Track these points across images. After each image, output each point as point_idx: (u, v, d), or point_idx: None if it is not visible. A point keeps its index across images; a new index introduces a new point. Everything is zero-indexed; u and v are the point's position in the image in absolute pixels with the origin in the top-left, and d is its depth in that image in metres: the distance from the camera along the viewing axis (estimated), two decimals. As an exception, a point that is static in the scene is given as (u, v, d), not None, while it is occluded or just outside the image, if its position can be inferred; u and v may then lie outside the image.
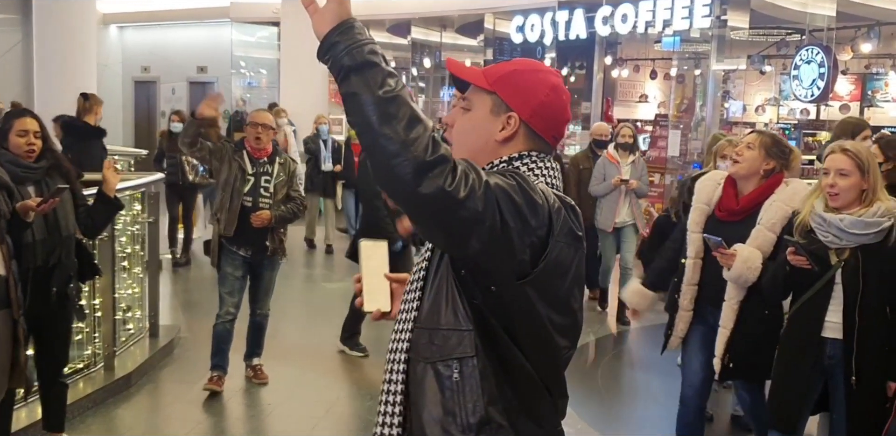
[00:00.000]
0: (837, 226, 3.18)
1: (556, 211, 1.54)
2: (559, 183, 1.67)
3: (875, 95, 13.54)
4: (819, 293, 3.26)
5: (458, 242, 1.48)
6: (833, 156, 3.25)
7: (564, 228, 1.56)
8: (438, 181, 1.40)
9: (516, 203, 1.48)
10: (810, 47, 8.65)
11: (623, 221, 6.93)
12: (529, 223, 1.50)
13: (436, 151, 1.42)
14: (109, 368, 5.08)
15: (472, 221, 1.44)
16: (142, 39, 18.36)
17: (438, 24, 15.31)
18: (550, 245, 1.53)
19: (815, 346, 3.26)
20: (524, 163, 1.64)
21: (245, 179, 4.86)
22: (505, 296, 1.53)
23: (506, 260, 1.50)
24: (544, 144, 1.69)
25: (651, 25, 10.00)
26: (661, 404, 5.28)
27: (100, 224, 4.03)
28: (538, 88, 1.67)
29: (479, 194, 1.44)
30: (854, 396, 3.19)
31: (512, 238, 1.48)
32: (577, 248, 1.61)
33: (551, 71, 1.75)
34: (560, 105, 1.70)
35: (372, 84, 1.43)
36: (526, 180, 1.53)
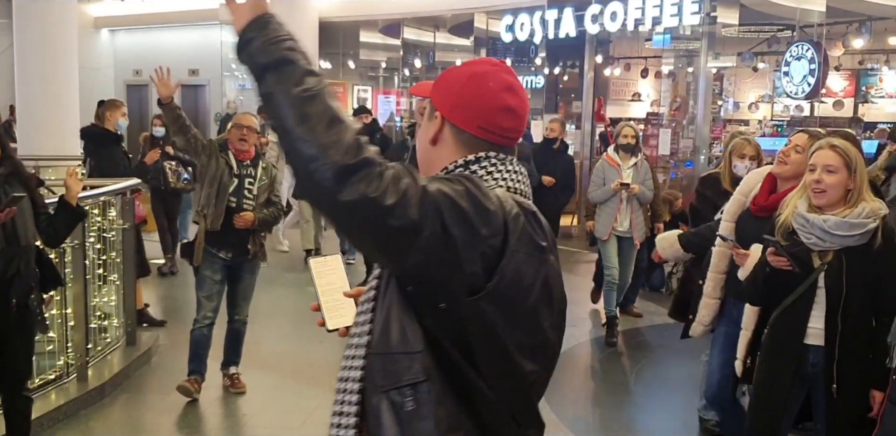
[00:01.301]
0: (821, 227, 3.06)
1: (512, 218, 1.41)
2: (525, 187, 1.54)
3: (869, 91, 13.43)
4: (801, 298, 3.14)
5: (394, 255, 1.35)
6: (820, 152, 3.13)
7: (523, 237, 1.42)
8: (361, 187, 1.28)
9: (462, 210, 1.35)
10: (801, 43, 8.54)
11: (624, 230, 6.39)
12: (479, 232, 1.36)
13: (359, 153, 1.30)
14: (83, 378, 4.97)
15: (405, 231, 1.31)
16: (133, 43, 18.27)
17: (431, 25, 15.21)
18: (507, 256, 1.39)
19: (798, 353, 3.15)
20: (482, 166, 1.50)
21: (231, 177, 4.80)
22: (457, 314, 1.38)
23: (453, 274, 1.35)
24: (491, 144, 1.52)
25: (641, 23, 9.89)
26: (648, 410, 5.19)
27: (62, 233, 3.92)
28: (455, 81, 1.54)
29: (414, 201, 1.31)
30: (835, 405, 3.08)
31: (458, 249, 1.34)
32: (542, 259, 1.46)
33: (485, 62, 1.60)
34: (480, 92, 1.52)
35: (288, 83, 1.33)
36: (478, 185, 1.41)
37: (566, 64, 14.06)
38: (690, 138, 10.08)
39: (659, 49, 12.34)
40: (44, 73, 8.25)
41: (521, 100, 1.55)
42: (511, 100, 1.52)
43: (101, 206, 5.54)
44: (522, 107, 1.55)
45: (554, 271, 1.51)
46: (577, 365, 5.96)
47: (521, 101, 1.55)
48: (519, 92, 1.55)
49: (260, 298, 5.30)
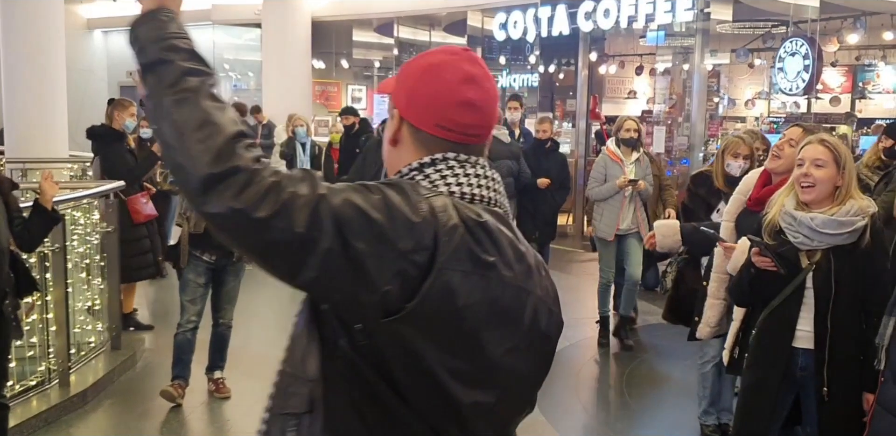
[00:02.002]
0: (808, 225, 2.98)
1: (446, 231, 1.23)
2: (490, 193, 1.36)
3: (866, 87, 13.34)
4: (789, 299, 3.07)
5: (282, 271, 1.21)
6: (809, 146, 3.06)
7: (459, 252, 1.24)
8: (226, 198, 1.15)
9: (373, 222, 1.20)
10: (795, 39, 8.46)
11: (627, 229, 6.07)
12: (395, 246, 1.20)
13: (227, 160, 1.16)
14: (64, 384, 4.90)
15: (290, 246, 1.17)
16: (127, 44, 18.18)
17: (427, 24, 15.13)
18: (433, 274, 1.22)
19: (786, 357, 3.07)
20: (437, 169, 1.33)
21: None
22: (374, 337, 1.22)
23: (363, 292, 1.20)
24: (453, 143, 1.35)
25: (634, 20, 9.81)
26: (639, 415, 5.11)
27: (37, 237, 3.85)
28: (410, 74, 1.39)
29: (300, 213, 1.17)
30: (826, 408, 3.00)
31: (365, 265, 1.18)
32: (488, 276, 1.27)
33: (444, 51, 1.42)
34: (435, 86, 1.35)
35: (162, 85, 1.23)
36: (404, 193, 1.25)
37: (561, 62, 13.99)
38: (685, 136, 10.00)
39: (654, 46, 12.25)
40: (31, 75, 8.16)
41: (483, 92, 1.37)
42: (471, 92, 1.35)
43: (85, 208, 5.47)
44: (486, 99, 1.37)
45: (513, 289, 1.31)
46: (568, 366, 5.88)
47: (485, 93, 1.37)
48: (482, 83, 1.37)
49: (245, 301, 5.22)
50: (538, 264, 1.41)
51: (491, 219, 1.31)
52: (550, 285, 1.44)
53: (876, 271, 3.04)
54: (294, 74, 12.91)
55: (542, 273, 1.40)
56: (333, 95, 15.32)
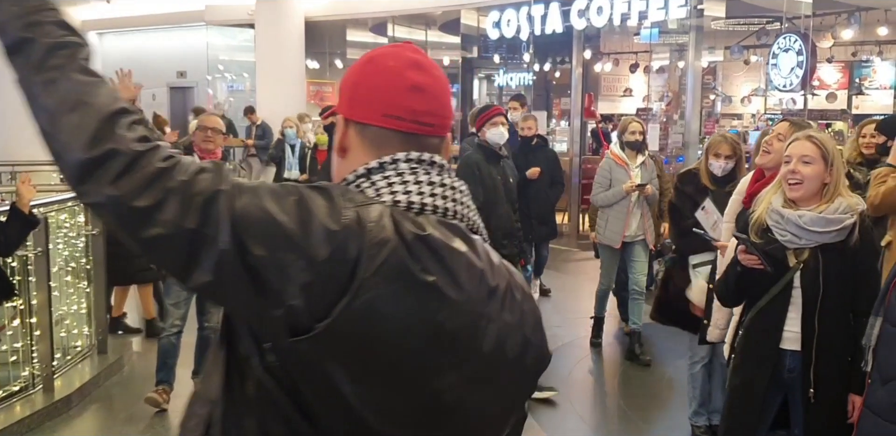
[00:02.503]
0: (796, 223, 2.92)
1: (374, 244, 1.07)
2: (447, 203, 1.20)
3: (863, 83, 13.28)
4: (777, 299, 3.01)
5: (176, 271, 1.07)
6: (797, 143, 3.00)
7: (387, 268, 1.07)
8: (103, 184, 1.03)
9: (278, 226, 1.05)
10: (788, 35, 8.39)
11: (634, 235, 5.78)
12: (303, 256, 1.04)
13: (103, 143, 1.04)
14: (48, 389, 4.84)
15: (178, 242, 1.03)
16: (121, 46, 18.16)
17: (422, 23, 15.08)
18: (352, 290, 1.05)
19: (774, 358, 3.01)
20: (385, 175, 1.18)
21: None
22: (283, 358, 1.08)
23: (264, 305, 1.05)
24: (405, 135, 1.20)
25: (627, 17, 9.75)
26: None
27: (13, 241, 3.80)
28: (351, 72, 1.27)
29: (192, 206, 1.04)
30: (813, 410, 2.94)
31: (264, 274, 1.04)
32: (425, 299, 1.10)
33: (385, 46, 1.31)
34: (379, 75, 1.22)
35: (29, 67, 1.11)
36: (330, 198, 1.10)
37: (556, 60, 13.93)
38: (680, 133, 9.93)
39: (648, 44, 12.19)
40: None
41: (432, 78, 1.24)
42: (418, 77, 1.22)
43: (70, 211, 5.42)
44: (434, 85, 1.24)
45: (464, 314, 1.14)
46: (561, 366, 5.82)
47: (434, 79, 1.24)
48: (429, 69, 1.24)
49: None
50: (511, 286, 1.23)
51: (438, 232, 1.14)
52: (530, 310, 1.26)
53: (865, 270, 2.99)
54: (288, 75, 12.86)
55: (514, 296, 1.22)
56: (328, 96, 15.24)
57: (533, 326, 1.26)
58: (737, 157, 4.28)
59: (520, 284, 1.26)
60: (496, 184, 4.85)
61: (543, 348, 1.29)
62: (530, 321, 1.25)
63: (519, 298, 1.24)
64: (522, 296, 1.25)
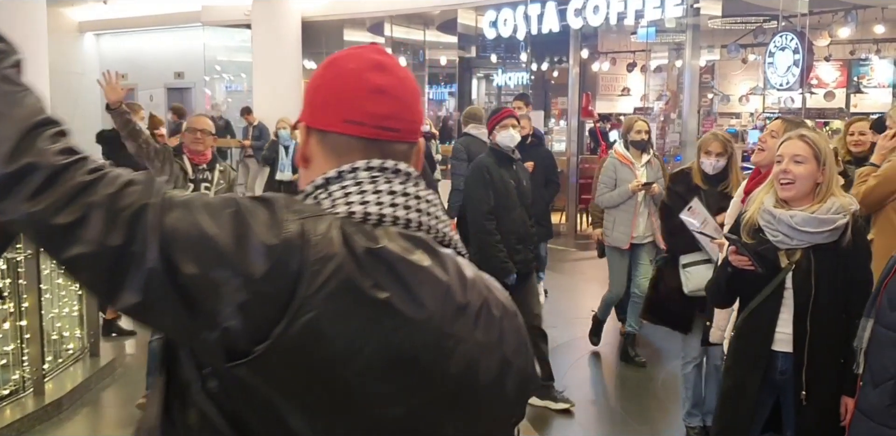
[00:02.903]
0: (788, 223, 2.89)
1: (318, 259, 0.99)
2: (407, 213, 1.10)
3: (861, 81, 13.25)
4: (768, 300, 2.98)
5: (102, 292, 1.00)
6: (789, 142, 2.97)
7: (336, 285, 0.99)
8: (20, 201, 0.97)
9: (211, 241, 0.97)
10: (784, 34, 8.37)
11: (642, 236, 5.58)
12: (238, 273, 0.97)
13: (21, 157, 0.98)
14: (39, 392, 4.81)
15: (102, 261, 0.97)
16: (119, 47, 18.15)
17: (421, 23, 15.06)
18: (292, 310, 0.97)
19: (765, 360, 2.98)
20: (343, 185, 1.10)
21: (186, 182, 4.63)
22: (224, 384, 1.01)
23: (195, 327, 0.97)
24: (368, 141, 1.12)
25: (624, 16, 9.73)
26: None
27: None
28: (313, 78, 1.20)
29: (118, 222, 0.97)
30: (804, 413, 2.91)
31: (195, 294, 0.96)
32: (377, 318, 1.01)
33: (349, 49, 1.22)
34: (339, 78, 1.15)
35: None
36: (272, 210, 1.02)
37: (554, 60, 13.90)
38: (678, 133, 9.91)
39: (646, 43, 12.17)
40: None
41: (396, 80, 1.15)
42: (380, 79, 1.14)
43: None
44: (399, 87, 1.15)
45: (425, 334, 1.04)
46: (557, 367, 5.78)
47: (398, 81, 1.16)
48: (393, 71, 1.16)
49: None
50: (487, 303, 1.12)
51: (395, 245, 1.05)
52: (512, 329, 1.15)
53: (857, 271, 2.96)
54: (285, 75, 12.83)
55: (491, 314, 1.12)
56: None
57: (515, 346, 1.15)
58: (728, 154, 4.25)
59: (500, 301, 1.15)
60: (508, 188, 4.74)
61: (527, 370, 1.17)
62: (512, 341, 1.14)
63: (498, 315, 1.13)
64: (503, 313, 1.14)
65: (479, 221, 4.72)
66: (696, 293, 4.02)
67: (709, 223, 3.97)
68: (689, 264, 4.16)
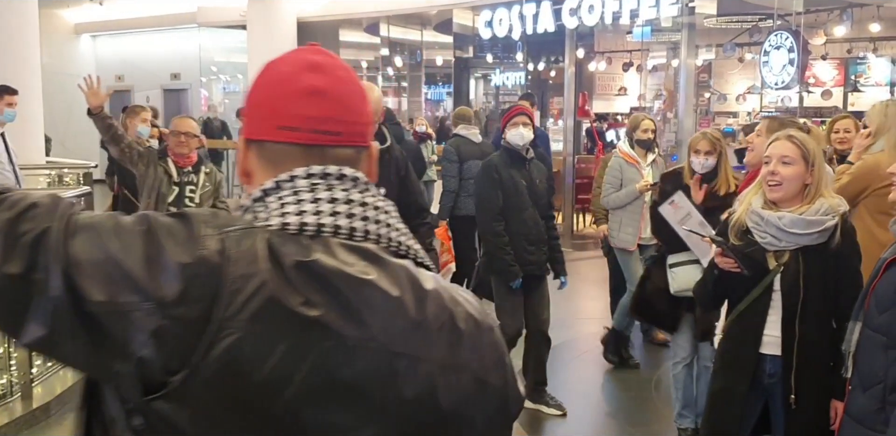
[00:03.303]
0: (776, 225, 2.86)
1: (238, 276, 0.91)
2: (351, 221, 1.00)
3: (858, 80, 13.22)
4: (756, 302, 2.95)
5: (6, 326, 0.94)
6: (777, 143, 2.94)
7: (257, 303, 0.91)
8: None
9: (120, 266, 0.90)
10: (779, 32, 8.34)
11: (649, 238, 5.27)
12: (149, 297, 0.89)
13: None
14: (27, 396, 4.78)
15: (3, 291, 0.90)
16: (115, 48, 18.14)
17: (418, 23, 15.04)
18: (210, 333, 0.89)
19: (753, 363, 2.94)
20: (280, 196, 1.01)
21: (171, 185, 4.61)
22: (148, 420, 0.92)
23: (107, 359, 0.90)
24: (305, 148, 1.03)
25: (619, 16, 9.70)
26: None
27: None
28: (251, 85, 1.13)
29: (17, 249, 0.90)
30: (793, 416, 2.88)
31: (105, 322, 0.89)
32: (308, 339, 0.92)
33: (290, 51, 1.14)
34: (271, 82, 1.08)
35: None
36: (189, 226, 0.95)
37: (550, 59, 13.87)
38: (674, 132, 9.88)
39: (643, 42, 12.14)
40: (4, 80, 8.06)
41: (334, 79, 1.06)
42: (315, 79, 1.05)
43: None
44: (337, 87, 1.06)
45: (372, 354, 0.95)
46: (549, 368, 5.75)
47: (336, 80, 1.06)
48: (331, 71, 1.07)
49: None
50: (453, 318, 1.01)
51: (332, 258, 0.96)
52: (487, 345, 1.04)
53: (846, 273, 2.92)
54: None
55: (458, 329, 1.01)
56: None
57: (491, 364, 1.03)
58: (717, 153, 4.21)
59: (470, 315, 1.04)
60: (519, 188, 4.60)
61: (507, 390, 1.05)
62: (487, 358, 1.03)
63: (466, 330, 1.01)
64: (474, 328, 1.03)
65: (486, 222, 4.65)
66: (682, 293, 3.99)
67: (693, 217, 3.93)
68: (676, 264, 4.12)
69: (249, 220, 1.00)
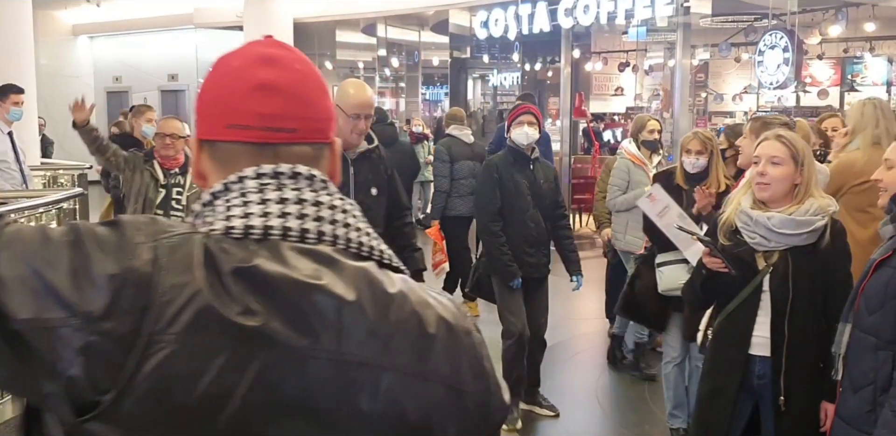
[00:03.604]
0: (765, 225, 2.84)
1: (170, 286, 0.85)
2: (302, 223, 0.94)
3: (855, 79, 13.22)
4: (745, 303, 2.93)
5: None
6: (766, 143, 2.91)
7: (190, 314, 0.85)
8: None
9: (44, 281, 0.84)
10: (774, 32, 8.33)
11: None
12: (76, 312, 0.84)
13: None
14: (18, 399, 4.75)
15: None
16: (112, 49, 18.15)
17: (416, 24, 15.04)
18: (139, 348, 0.84)
19: (742, 365, 2.93)
20: (227, 198, 0.95)
21: (157, 189, 4.60)
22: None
23: (34, 380, 0.84)
24: (257, 147, 0.98)
25: (614, 16, 9.70)
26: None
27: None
28: (203, 82, 1.06)
29: None
30: (783, 419, 2.86)
31: (31, 341, 0.83)
32: (248, 351, 0.86)
33: (244, 44, 1.07)
34: (222, 79, 1.01)
35: None
36: (121, 234, 0.89)
37: (546, 60, 13.87)
38: (669, 132, 9.86)
39: (640, 43, 12.13)
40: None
41: (288, 72, 1.00)
42: (267, 73, 0.98)
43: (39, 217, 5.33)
44: (291, 81, 0.99)
45: (326, 365, 0.88)
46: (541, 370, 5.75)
47: (291, 73, 1.00)
48: (285, 63, 1.00)
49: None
50: (423, 322, 0.94)
51: (277, 263, 0.89)
52: (463, 351, 0.96)
53: (836, 274, 2.91)
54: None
55: (428, 334, 0.94)
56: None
57: (470, 370, 0.95)
58: (709, 152, 4.20)
59: (443, 318, 0.95)
60: (520, 188, 4.46)
61: (487, 398, 0.97)
62: (463, 365, 0.95)
63: (438, 335, 0.93)
64: (446, 333, 0.94)
65: (483, 222, 4.58)
66: (670, 293, 3.97)
67: (671, 209, 3.90)
68: (664, 264, 4.10)
69: (189, 225, 0.95)
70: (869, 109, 3.87)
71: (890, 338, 2.47)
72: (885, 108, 3.88)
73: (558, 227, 4.70)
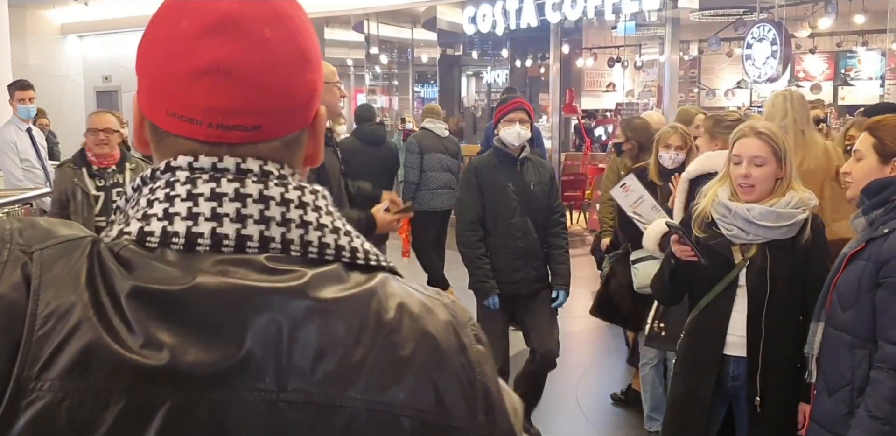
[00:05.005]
0: (744, 217, 2.70)
1: (46, 316, 0.67)
2: (243, 227, 0.73)
3: (849, 73, 13.10)
4: (720, 299, 2.79)
5: None
6: (744, 140, 2.76)
7: (77, 353, 0.66)
8: None
9: None
10: (762, 25, 8.20)
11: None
12: None
13: None
14: None
15: None
16: (102, 49, 18.03)
17: (409, 21, 14.92)
18: (7, 400, 0.65)
19: (717, 365, 2.80)
20: (154, 187, 0.75)
21: (90, 202, 4.15)
22: None
23: None
24: (205, 145, 0.75)
25: (601, 10, 9.59)
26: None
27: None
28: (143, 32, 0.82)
29: None
30: (758, 420, 2.74)
31: None
32: (154, 396, 0.67)
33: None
34: (161, 42, 0.77)
35: None
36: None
37: (536, 56, 13.76)
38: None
39: (630, 38, 12.02)
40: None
41: (249, 46, 0.74)
42: (216, 49, 0.73)
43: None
44: (249, 63, 0.73)
45: (247, 405, 0.68)
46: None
47: (252, 48, 0.74)
48: (252, 31, 0.74)
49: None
50: (400, 341, 0.72)
51: (210, 278, 0.70)
52: (453, 374, 0.74)
53: (815, 270, 2.78)
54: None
55: (399, 358, 0.72)
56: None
57: (462, 397, 0.74)
58: (688, 148, 4.06)
59: (427, 333, 0.74)
60: (503, 191, 3.92)
61: (492, 430, 0.75)
62: (452, 392, 0.73)
63: (419, 356, 0.73)
64: (430, 353, 0.73)
65: (459, 231, 4.01)
66: (645, 290, 3.84)
67: (645, 200, 3.79)
68: (640, 260, 3.97)
69: (80, 227, 0.75)
70: (779, 100, 3.88)
71: (866, 335, 2.34)
72: (795, 99, 3.86)
73: (551, 234, 4.09)
